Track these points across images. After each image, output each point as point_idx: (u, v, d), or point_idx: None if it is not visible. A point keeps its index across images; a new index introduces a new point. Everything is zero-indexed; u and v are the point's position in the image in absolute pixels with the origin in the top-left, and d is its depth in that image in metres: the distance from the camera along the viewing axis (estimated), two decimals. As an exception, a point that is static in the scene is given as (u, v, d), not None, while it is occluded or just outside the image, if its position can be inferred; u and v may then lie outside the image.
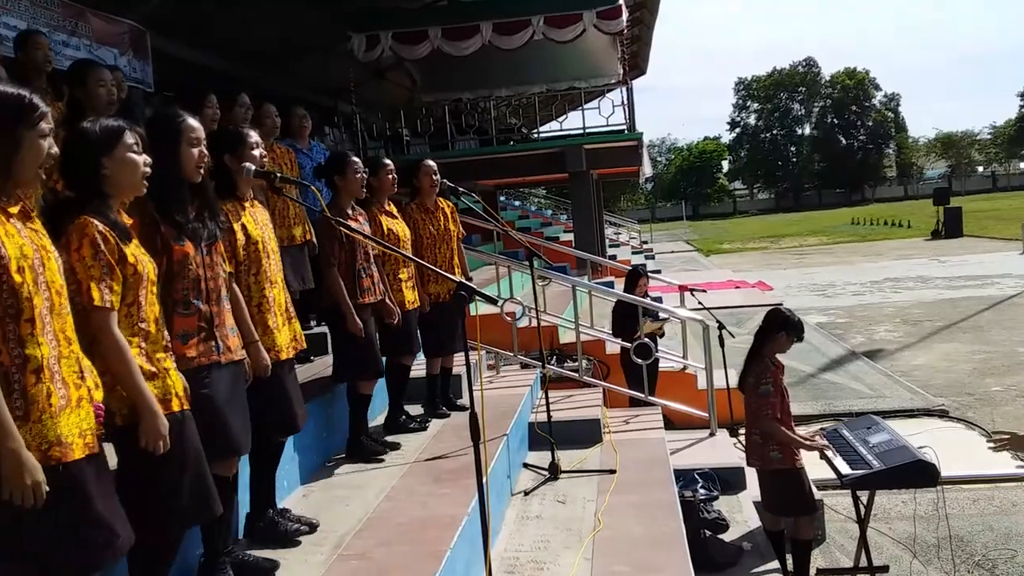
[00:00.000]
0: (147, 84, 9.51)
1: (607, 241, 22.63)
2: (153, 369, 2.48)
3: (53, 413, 2.02)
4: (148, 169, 2.55)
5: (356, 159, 4.63)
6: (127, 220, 2.54)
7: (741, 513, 5.88)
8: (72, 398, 2.09)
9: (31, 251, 2.03)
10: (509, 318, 6.95)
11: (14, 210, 2.05)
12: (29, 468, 1.92)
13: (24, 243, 2.02)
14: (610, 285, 10.73)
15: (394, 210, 5.09)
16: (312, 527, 3.59)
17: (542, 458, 5.18)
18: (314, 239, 5.45)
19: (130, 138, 2.51)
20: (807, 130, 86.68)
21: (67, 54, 7.66)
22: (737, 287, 21.63)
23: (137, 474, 2.42)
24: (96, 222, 2.37)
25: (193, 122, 2.93)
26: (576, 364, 7.20)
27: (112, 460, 2.45)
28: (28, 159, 2.06)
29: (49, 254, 2.11)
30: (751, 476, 5.90)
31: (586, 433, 5.76)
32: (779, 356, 5.41)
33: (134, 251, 2.47)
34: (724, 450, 6.74)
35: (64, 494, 2.02)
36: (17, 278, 1.97)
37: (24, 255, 2.00)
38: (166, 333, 2.61)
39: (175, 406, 2.52)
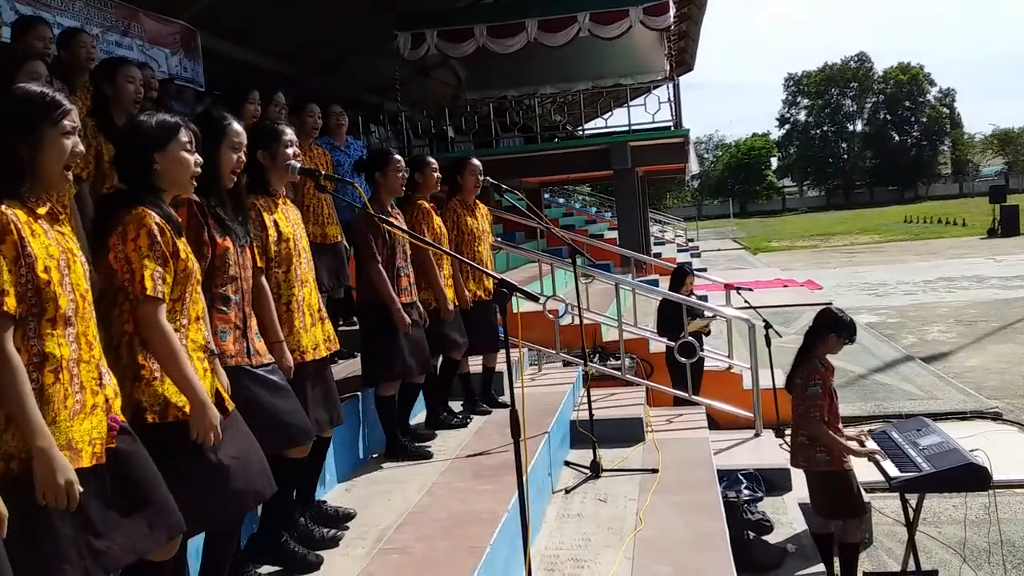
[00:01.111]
0: (198, 83, 9.67)
1: (652, 239, 22.48)
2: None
3: (68, 416, 2.00)
4: (199, 169, 2.57)
5: (398, 156, 4.62)
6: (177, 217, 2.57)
7: (786, 515, 5.79)
8: (87, 403, 2.06)
9: (57, 251, 2.03)
10: (551, 316, 6.94)
11: (42, 211, 2.05)
12: (61, 467, 1.91)
13: (50, 243, 2.02)
14: (654, 283, 10.65)
15: (436, 207, 5.11)
16: (349, 517, 3.63)
17: (583, 456, 5.16)
18: (344, 240, 5.47)
19: (184, 136, 2.53)
20: (859, 126, 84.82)
21: (119, 54, 7.82)
22: (785, 286, 21.33)
23: (168, 472, 2.32)
24: (153, 213, 2.39)
25: (237, 126, 2.94)
26: (619, 362, 7.16)
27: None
28: (52, 157, 2.06)
29: (75, 257, 2.10)
30: (796, 477, 5.82)
31: (628, 432, 5.72)
32: (829, 357, 5.31)
33: (185, 246, 2.50)
34: (769, 451, 6.65)
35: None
36: (43, 277, 1.97)
37: (50, 255, 2.00)
38: (207, 333, 2.61)
39: None
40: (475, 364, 5.62)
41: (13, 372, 1.90)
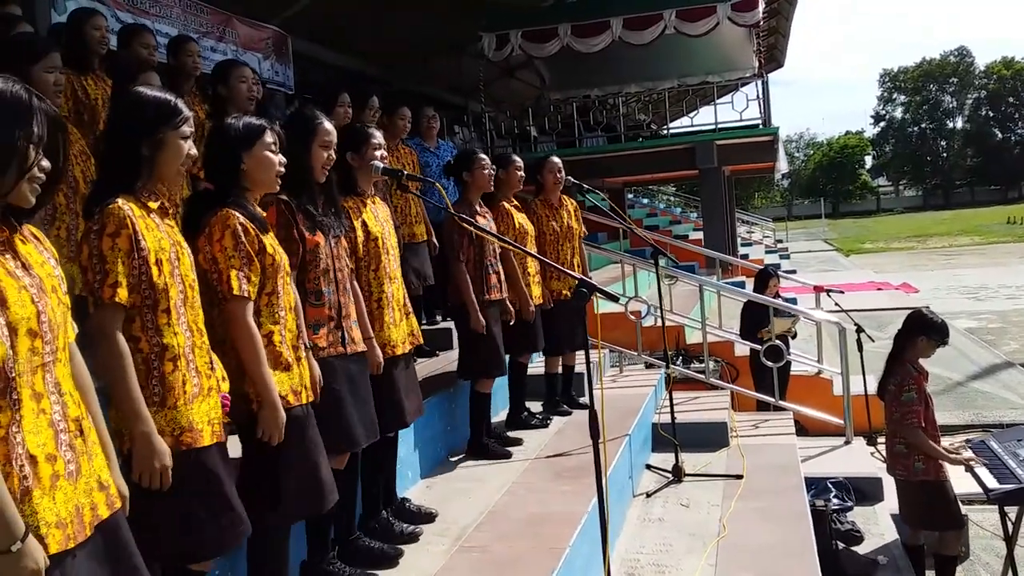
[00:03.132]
0: (288, 87, 9.94)
1: (739, 240, 22.04)
2: (291, 359, 2.59)
3: (187, 400, 2.14)
4: (283, 168, 2.66)
5: (484, 156, 4.71)
6: (262, 213, 2.66)
7: (877, 525, 5.60)
8: (204, 387, 2.20)
9: (168, 245, 2.15)
10: (634, 317, 6.86)
11: (154, 205, 2.17)
12: (159, 452, 2.04)
13: (162, 237, 2.14)
14: (740, 285, 10.44)
15: (519, 206, 5.13)
16: (431, 517, 3.66)
17: (665, 460, 5.09)
18: (434, 238, 5.52)
19: (269, 137, 2.62)
20: (959, 124, 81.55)
21: (215, 59, 8.07)
22: (879, 288, 20.63)
23: (262, 461, 2.50)
24: (237, 214, 2.49)
25: (328, 125, 3.04)
26: (703, 365, 7.04)
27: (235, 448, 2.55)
28: (170, 159, 2.19)
29: (183, 249, 2.22)
30: (888, 487, 5.61)
31: (712, 436, 5.62)
32: (922, 361, 5.10)
33: (271, 242, 2.59)
34: (860, 459, 6.43)
35: (195, 478, 2.13)
36: (155, 270, 2.09)
37: (162, 248, 2.12)
38: (301, 322, 2.71)
39: (304, 398, 2.62)
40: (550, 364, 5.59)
41: (121, 360, 2.03)
